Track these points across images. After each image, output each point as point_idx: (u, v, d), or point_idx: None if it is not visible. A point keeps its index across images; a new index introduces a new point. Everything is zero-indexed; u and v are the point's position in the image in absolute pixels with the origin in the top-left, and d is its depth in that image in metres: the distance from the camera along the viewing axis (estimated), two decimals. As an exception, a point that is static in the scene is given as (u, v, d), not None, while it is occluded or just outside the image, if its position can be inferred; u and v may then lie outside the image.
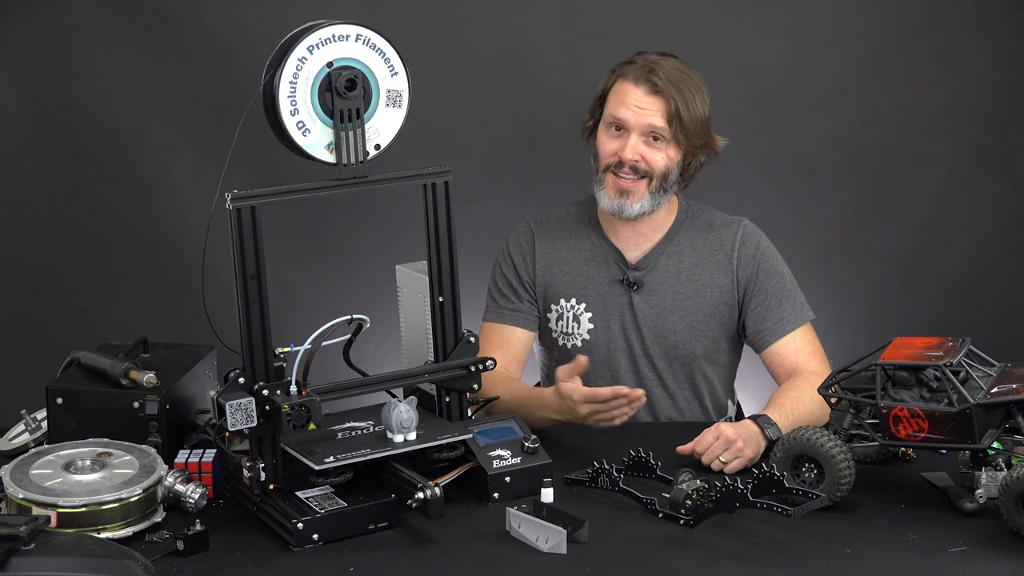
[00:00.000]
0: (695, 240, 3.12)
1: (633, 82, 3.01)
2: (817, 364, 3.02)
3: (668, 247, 3.11)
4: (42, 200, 4.10)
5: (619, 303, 3.11)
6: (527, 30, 4.09)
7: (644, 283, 3.09)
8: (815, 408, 2.83)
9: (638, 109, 3.00)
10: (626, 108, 3.00)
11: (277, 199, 2.46)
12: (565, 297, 3.13)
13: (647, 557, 2.36)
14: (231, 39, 3.99)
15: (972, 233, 4.25)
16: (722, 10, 4.09)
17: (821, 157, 4.19)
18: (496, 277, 3.19)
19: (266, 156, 2.81)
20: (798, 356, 3.04)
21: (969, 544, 2.36)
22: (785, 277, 3.10)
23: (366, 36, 2.51)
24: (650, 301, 3.10)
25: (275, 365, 2.46)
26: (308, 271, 4.18)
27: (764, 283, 3.08)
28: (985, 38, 4.14)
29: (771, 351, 3.07)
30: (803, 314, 3.09)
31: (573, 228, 3.17)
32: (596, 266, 3.13)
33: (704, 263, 3.10)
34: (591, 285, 3.12)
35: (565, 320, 3.14)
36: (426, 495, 2.39)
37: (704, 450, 2.72)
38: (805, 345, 3.06)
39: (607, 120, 3.05)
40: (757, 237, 3.12)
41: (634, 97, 3.00)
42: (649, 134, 3.00)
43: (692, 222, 3.13)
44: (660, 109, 2.99)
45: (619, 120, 3.02)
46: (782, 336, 3.06)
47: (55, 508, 2.38)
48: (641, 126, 3.00)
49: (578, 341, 3.13)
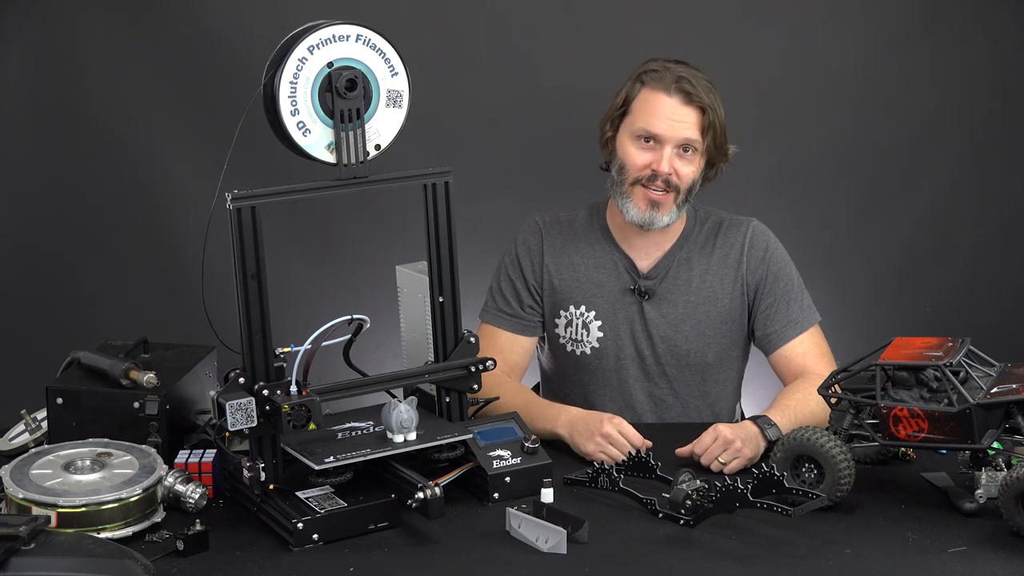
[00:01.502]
0: (705, 246, 3.10)
1: (665, 92, 2.95)
2: (825, 367, 3.00)
3: (678, 254, 3.09)
4: (42, 200, 4.10)
5: (629, 312, 3.09)
6: (527, 30, 4.10)
7: (655, 292, 3.07)
8: (819, 411, 2.81)
9: (672, 122, 2.94)
10: (660, 120, 2.94)
11: (277, 199, 2.45)
12: (575, 304, 3.11)
13: (647, 557, 2.36)
14: (231, 39, 3.99)
15: (972, 233, 4.25)
16: (722, 10, 4.09)
17: (821, 157, 4.19)
18: (500, 277, 3.16)
19: (266, 156, 2.81)
20: (806, 359, 3.03)
21: (969, 544, 2.36)
22: (793, 279, 3.09)
23: (366, 36, 2.51)
24: (661, 310, 3.08)
25: (275, 365, 2.46)
26: (308, 271, 4.18)
27: (773, 286, 3.07)
28: (985, 38, 4.14)
29: (779, 354, 3.06)
30: (811, 316, 3.08)
31: (583, 233, 3.13)
32: (606, 274, 3.10)
33: (714, 269, 3.08)
34: (601, 293, 3.10)
35: (574, 327, 3.11)
36: (426, 495, 2.39)
37: (703, 451, 2.72)
38: (813, 348, 3.05)
39: (636, 132, 2.97)
40: (766, 239, 3.10)
41: (668, 109, 2.94)
42: (682, 146, 2.96)
43: (701, 227, 3.12)
44: (695, 121, 2.95)
45: (653, 133, 2.95)
46: (790, 339, 3.05)
47: (55, 508, 2.37)
48: (677, 139, 2.95)
49: (587, 349, 3.11)
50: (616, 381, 3.11)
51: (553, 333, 3.16)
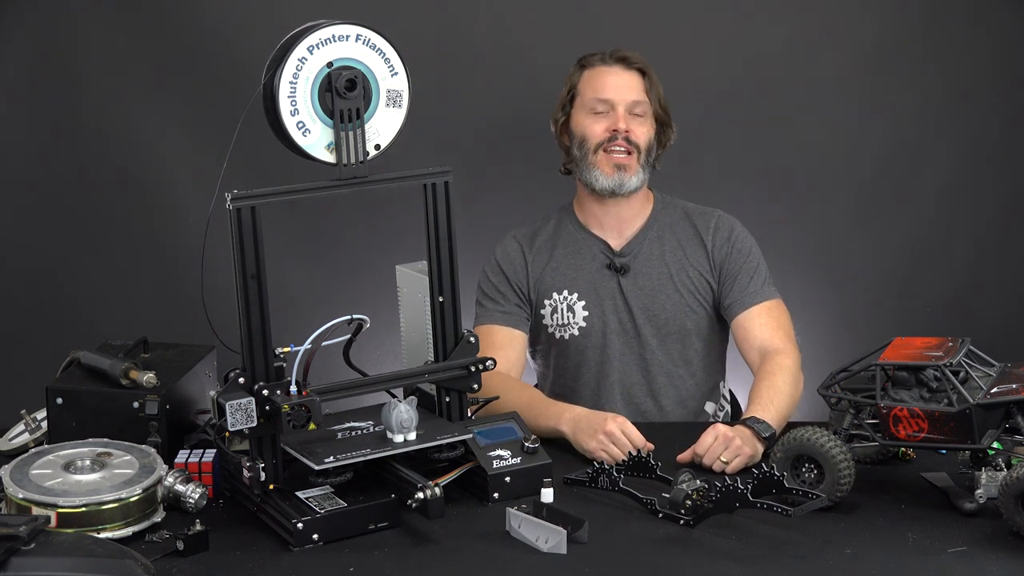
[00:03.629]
0: (674, 226, 3.25)
1: (605, 65, 3.21)
2: (781, 340, 3.09)
3: (649, 233, 3.24)
4: (42, 200, 4.09)
5: (609, 287, 3.21)
6: (527, 30, 4.09)
7: (630, 267, 3.20)
8: (791, 391, 2.93)
9: (618, 86, 3.19)
10: (607, 87, 3.19)
11: (277, 199, 2.46)
12: (557, 290, 3.22)
13: (647, 557, 2.36)
14: (231, 39, 3.98)
15: (972, 233, 4.24)
16: (722, 10, 4.09)
17: (821, 157, 4.19)
18: (483, 285, 3.26)
19: (266, 156, 2.81)
20: (763, 330, 3.12)
21: (969, 544, 2.36)
22: (756, 258, 3.22)
23: (366, 36, 2.51)
24: (638, 283, 3.20)
25: (275, 365, 2.46)
26: (308, 271, 4.18)
27: (736, 260, 3.20)
28: (984, 38, 4.13)
29: (737, 322, 3.17)
30: (770, 292, 3.19)
31: (556, 231, 3.28)
32: (583, 257, 3.24)
33: (684, 245, 3.23)
34: (581, 275, 3.22)
35: (560, 312, 3.21)
36: (426, 495, 2.39)
37: (704, 451, 2.73)
38: (770, 320, 3.14)
39: (587, 106, 3.20)
40: (731, 223, 3.26)
41: (612, 76, 3.19)
42: (632, 109, 3.18)
43: (668, 211, 3.27)
44: (637, 84, 3.20)
45: (603, 99, 3.18)
46: (747, 308, 3.15)
47: (55, 508, 2.38)
48: (626, 101, 3.17)
49: (575, 330, 3.20)
50: (603, 357, 3.21)
51: (540, 324, 3.24)
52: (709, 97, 4.01)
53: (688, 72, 3.90)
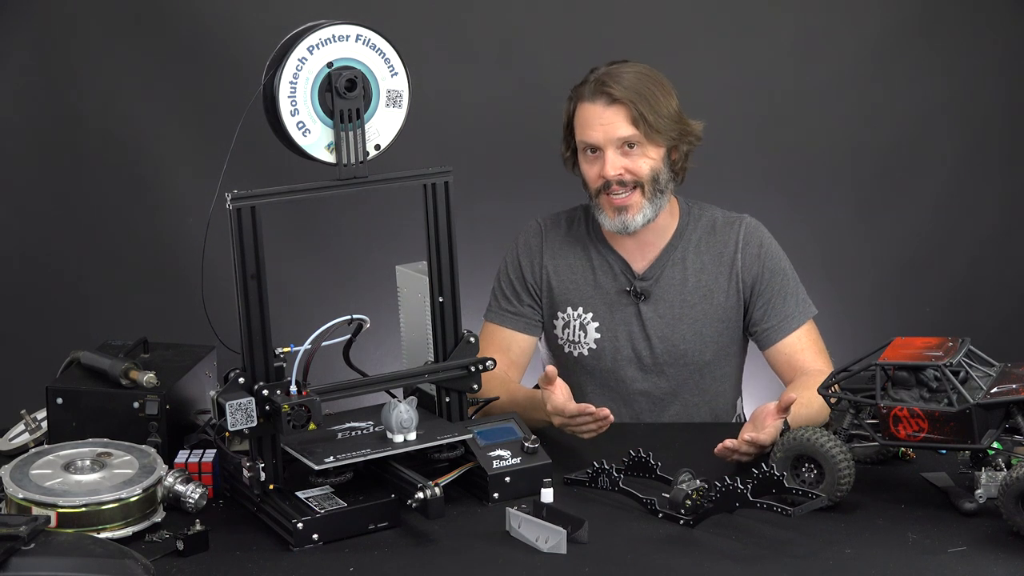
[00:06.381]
0: (699, 244, 3.11)
1: (590, 101, 2.99)
2: (822, 363, 3.03)
3: (673, 254, 3.11)
4: (42, 200, 4.10)
5: (626, 314, 3.10)
6: (527, 30, 4.10)
7: (651, 293, 3.09)
8: (820, 409, 2.79)
9: (602, 125, 2.98)
10: (591, 129, 2.99)
11: (277, 199, 2.45)
12: (572, 306, 3.13)
13: (647, 557, 2.36)
14: (231, 39, 3.99)
15: (972, 233, 4.25)
16: (723, 11, 4.09)
17: (821, 157, 4.19)
18: (501, 277, 3.19)
19: (266, 156, 2.81)
20: (804, 355, 3.05)
21: (969, 544, 2.36)
22: (788, 274, 3.10)
23: (366, 36, 2.51)
24: (658, 311, 3.09)
25: (275, 365, 2.46)
26: (308, 271, 4.18)
27: (769, 282, 3.08)
28: (985, 38, 4.14)
29: (776, 349, 3.08)
30: (806, 311, 3.09)
31: (579, 235, 3.16)
32: (603, 276, 3.12)
33: (708, 268, 3.10)
34: (598, 295, 3.12)
35: (572, 329, 3.14)
36: (426, 495, 2.39)
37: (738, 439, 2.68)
38: (809, 344, 3.07)
39: (581, 147, 3.04)
40: (759, 235, 3.11)
41: (595, 115, 2.98)
42: (622, 144, 2.98)
43: (695, 225, 3.13)
44: (623, 117, 2.97)
45: (590, 144, 3.00)
46: (787, 335, 3.07)
47: (55, 508, 2.37)
48: (611, 141, 2.98)
49: (584, 350, 3.13)
50: (614, 381, 3.13)
51: (552, 334, 3.18)
52: (709, 97, 4.00)
53: (688, 72, 3.89)
